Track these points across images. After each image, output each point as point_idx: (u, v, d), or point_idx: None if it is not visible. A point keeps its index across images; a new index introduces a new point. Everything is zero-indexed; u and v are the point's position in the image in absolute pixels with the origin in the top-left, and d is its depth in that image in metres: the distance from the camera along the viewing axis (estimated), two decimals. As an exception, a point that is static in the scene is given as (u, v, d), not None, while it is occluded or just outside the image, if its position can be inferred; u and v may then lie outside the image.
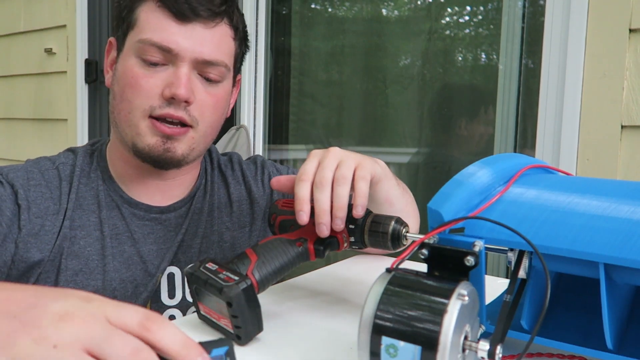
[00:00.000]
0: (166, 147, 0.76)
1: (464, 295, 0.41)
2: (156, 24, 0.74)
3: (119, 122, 0.78)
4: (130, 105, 0.75)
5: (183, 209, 0.86)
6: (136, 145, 0.77)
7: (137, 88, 0.74)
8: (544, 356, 0.54)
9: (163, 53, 0.74)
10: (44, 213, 0.76)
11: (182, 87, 0.73)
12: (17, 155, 2.56)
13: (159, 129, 0.75)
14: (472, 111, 1.73)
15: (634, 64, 1.20)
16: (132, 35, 0.76)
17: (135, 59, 0.75)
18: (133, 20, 0.76)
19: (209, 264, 0.58)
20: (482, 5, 1.68)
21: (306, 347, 0.57)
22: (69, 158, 0.83)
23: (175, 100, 0.74)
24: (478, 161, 0.56)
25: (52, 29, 2.37)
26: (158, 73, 0.74)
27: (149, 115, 0.75)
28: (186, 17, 0.73)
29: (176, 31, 0.74)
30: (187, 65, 0.74)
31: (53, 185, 0.79)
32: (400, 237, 0.63)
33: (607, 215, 0.47)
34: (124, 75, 0.76)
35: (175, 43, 0.73)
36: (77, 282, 0.77)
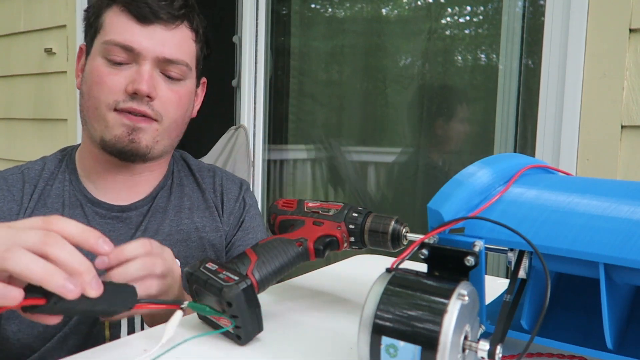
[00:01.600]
0: (131, 138, 0.80)
1: (464, 295, 0.41)
2: (120, 26, 0.80)
3: (88, 119, 0.83)
4: (97, 101, 0.80)
5: (144, 208, 0.88)
6: (104, 139, 0.81)
7: (102, 85, 0.80)
8: (543, 356, 0.54)
9: (126, 52, 0.79)
10: (6, 214, 0.80)
11: (143, 82, 0.78)
12: (17, 155, 2.56)
13: (124, 118, 0.80)
14: (472, 111, 1.73)
15: (634, 64, 1.20)
16: (98, 39, 0.82)
17: (101, 59, 0.80)
18: (99, 24, 0.82)
19: (209, 263, 0.58)
20: (482, 5, 1.69)
21: (306, 347, 0.57)
22: (37, 163, 0.88)
23: (138, 95, 0.79)
24: (478, 161, 0.56)
25: (52, 29, 2.37)
26: (122, 71, 0.80)
27: (114, 109, 0.80)
28: (147, 19, 0.79)
29: (138, 32, 0.79)
30: (149, 63, 0.80)
31: (15, 188, 0.83)
32: (400, 237, 0.63)
33: (607, 215, 0.47)
34: (91, 74, 0.81)
35: (137, 43, 0.79)
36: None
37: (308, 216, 0.68)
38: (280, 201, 0.73)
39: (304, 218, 0.68)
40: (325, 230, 0.65)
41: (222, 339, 0.57)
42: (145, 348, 0.55)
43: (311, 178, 2.09)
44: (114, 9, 0.81)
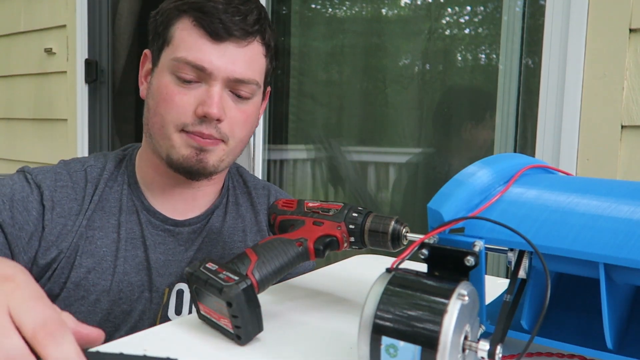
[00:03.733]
0: (199, 159, 0.78)
1: (464, 295, 0.41)
2: (191, 43, 0.76)
3: (153, 134, 0.81)
4: (163, 120, 0.78)
5: (198, 225, 0.86)
6: (170, 157, 0.79)
7: (170, 104, 0.77)
8: (543, 356, 0.54)
9: (197, 71, 0.76)
10: (67, 213, 0.79)
11: (214, 106, 0.75)
12: (17, 155, 2.56)
13: (193, 140, 0.77)
14: (472, 111, 1.73)
15: (634, 64, 1.20)
16: (167, 52, 0.78)
17: (170, 75, 0.77)
18: (169, 37, 0.78)
19: (209, 263, 0.58)
20: (482, 5, 1.69)
21: (306, 347, 0.57)
22: (98, 161, 0.86)
23: (207, 119, 0.76)
24: (478, 161, 0.56)
25: (52, 29, 2.37)
26: (191, 91, 0.77)
27: (181, 130, 0.78)
28: (220, 36, 0.75)
29: (210, 50, 0.75)
30: (219, 83, 0.76)
31: (79, 187, 0.82)
32: (400, 237, 0.63)
33: (607, 215, 0.47)
34: (159, 90, 0.79)
35: (209, 62, 0.75)
36: (89, 279, 0.79)
37: (308, 216, 0.68)
38: (280, 201, 0.73)
39: (304, 218, 0.68)
40: (325, 230, 0.65)
41: (222, 339, 0.57)
42: (145, 348, 0.55)
43: (311, 178, 2.09)
44: (185, 22, 0.77)
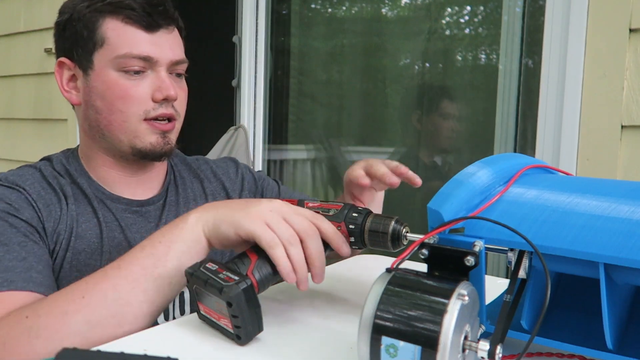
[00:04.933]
0: (165, 141, 0.86)
1: (464, 295, 0.41)
2: (130, 38, 0.82)
3: (110, 132, 0.84)
4: (124, 115, 0.83)
5: (159, 203, 0.92)
6: (136, 147, 0.84)
7: (128, 98, 0.82)
8: (543, 356, 0.54)
9: (143, 62, 0.82)
10: (50, 202, 0.81)
11: (171, 88, 0.83)
12: (17, 155, 2.56)
13: (158, 128, 0.84)
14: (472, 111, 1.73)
15: (634, 64, 1.20)
16: (102, 53, 0.82)
17: (116, 72, 0.82)
18: (99, 39, 0.82)
19: (209, 264, 0.58)
20: (482, 5, 1.69)
21: (306, 347, 0.57)
22: (46, 164, 0.88)
23: (167, 101, 0.84)
24: (478, 161, 0.56)
25: (52, 29, 2.36)
26: (142, 81, 0.83)
27: (144, 119, 0.83)
28: (153, 27, 0.83)
29: (149, 41, 0.83)
30: (164, 68, 0.84)
31: (44, 182, 0.84)
32: (400, 237, 0.63)
33: (607, 215, 0.47)
34: (109, 90, 0.82)
35: (152, 52, 0.82)
36: (80, 260, 0.81)
37: (308, 216, 0.68)
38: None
39: None
40: (325, 230, 0.65)
41: (222, 339, 0.57)
42: (145, 348, 0.55)
43: (311, 178, 2.09)
44: (113, 22, 0.82)
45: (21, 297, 0.67)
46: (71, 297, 0.62)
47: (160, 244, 0.64)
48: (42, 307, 0.62)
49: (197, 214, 0.65)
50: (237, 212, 0.62)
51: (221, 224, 0.62)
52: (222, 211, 0.64)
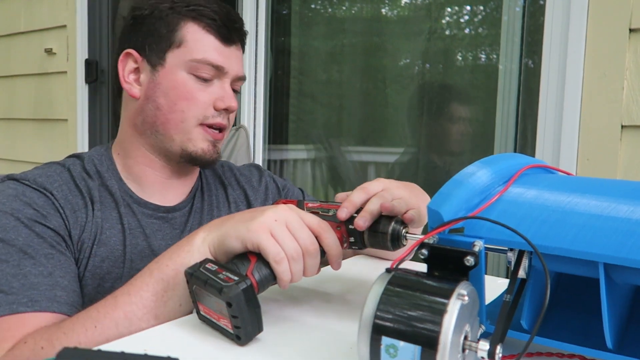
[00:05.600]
0: (215, 150, 0.88)
1: (464, 295, 0.41)
2: (208, 46, 0.85)
3: (165, 130, 0.86)
4: (184, 115, 0.85)
5: (186, 209, 0.92)
6: (187, 150, 0.86)
7: (192, 100, 0.85)
8: (543, 355, 0.54)
9: (215, 70, 0.86)
10: (76, 208, 0.81)
11: (233, 100, 0.87)
12: (17, 156, 2.56)
13: (211, 135, 0.87)
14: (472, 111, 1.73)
15: (634, 64, 1.20)
16: (178, 54, 0.85)
17: (187, 74, 0.85)
18: (177, 39, 0.85)
19: (209, 264, 0.58)
20: (482, 5, 1.69)
21: (306, 347, 0.57)
22: (75, 162, 0.87)
23: (226, 111, 0.88)
24: (478, 161, 0.56)
25: (52, 29, 2.37)
26: (208, 87, 0.86)
27: (199, 123, 0.86)
28: (229, 41, 0.87)
29: (223, 52, 0.86)
30: (229, 80, 0.88)
31: (71, 184, 0.83)
32: (400, 237, 0.63)
33: (607, 215, 0.47)
34: (176, 89, 0.85)
35: (226, 63, 0.86)
36: (103, 267, 0.81)
37: (308, 216, 0.68)
38: (280, 201, 0.73)
39: None
40: (325, 230, 0.65)
41: (222, 339, 0.57)
42: (145, 347, 0.55)
43: (311, 178, 2.09)
44: (193, 27, 0.85)
45: (44, 318, 0.68)
46: (84, 327, 0.63)
47: (168, 268, 0.64)
48: (58, 337, 0.63)
49: (203, 233, 0.65)
50: (243, 225, 0.61)
51: (227, 238, 0.62)
52: (227, 226, 0.63)
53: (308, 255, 0.61)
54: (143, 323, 0.63)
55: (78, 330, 0.63)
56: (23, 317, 0.67)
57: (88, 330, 0.62)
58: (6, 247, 0.72)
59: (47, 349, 0.62)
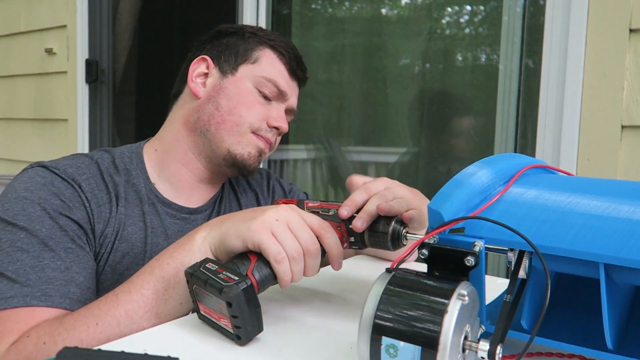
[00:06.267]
0: (259, 159, 0.93)
1: (464, 296, 0.41)
2: (278, 71, 0.93)
3: (218, 130, 0.90)
4: (241, 120, 0.90)
5: (207, 212, 0.95)
6: (233, 152, 0.90)
7: (252, 109, 0.90)
8: (543, 356, 0.54)
9: (277, 93, 0.92)
10: (102, 202, 0.82)
11: (285, 122, 0.94)
12: (17, 155, 2.56)
13: (261, 142, 0.91)
14: (472, 111, 1.73)
15: (634, 64, 1.20)
16: (250, 68, 0.92)
17: (253, 87, 0.91)
18: (253, 57, 0.93)
19: (209, 264, 0.58)
20: (482, 5, 1.69)
21: (306, 347, 0.57)
22: (104, 155, 0.89)
23: (277, 130, 0.93)
24: (478, 161, 0.56)
25: (52, 29, 2.37)
26: (267, 105, 0.92)
27: (252, 131, 0.90)
28: (293, 74, 0.96)
29: (288, 82, 0.95)
30: (284, 107, 0.94)
31: (98, 177, 0.84)
32: (400, 237, 0.63)
33: (607, 215, 0.47)
34: (240, 95, 0.91)
35: (287, 90, 0.94)
36: (123, 263, 0.82)
37: (308, 216, 0.68)
38: (281, 201, 0.73)
39: None
40: (325, 230, 0.65)
41: (222, 339, 0.58)
42: (146, 347, 0.55)
43: (311, 178, 2.09)
44: (270, 53, 0.93)
45: (54, 314, 0.69)
46: (86, 324, 0.63)
47: (168, 266, 0.64)
48: (60, 334, 0.63)
49: (204, 232, 0.65)
50: (243, 223, 0.62)
51: (227, 237, 0.62)
52: (227, 225, 0.64)
53: (309, 255, 0.61)
54: (144, 321, 0.63)
55: (80, 327, 0.63)
56: (34, 310, 0.68)
57: (90, 328, 0.63)
58: (29, 237, 0.73)
59: (49, 345, 0.63)
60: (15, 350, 0.64)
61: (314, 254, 0.62)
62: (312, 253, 0.61)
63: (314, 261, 0.62)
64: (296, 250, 0.60)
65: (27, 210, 0.75)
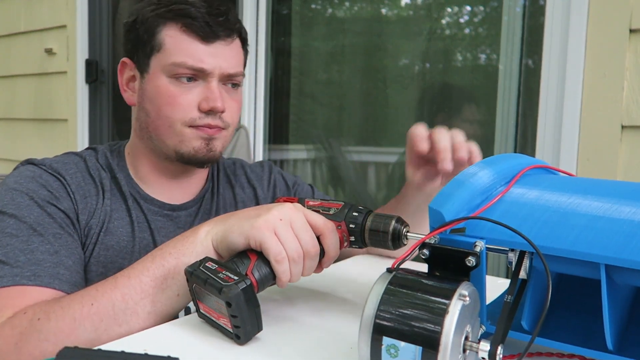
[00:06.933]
0: (209, 148, 0.86)
1: (465, 296, 0.41)
2: (186, 48, 0.82)
3: (156, 135, 0.86)
4: (171, 120, 0.84)
5: (193, 209, 0.93)
6: (180, 151, 0.85)
7: (175, 105, 0.83)
8: (543, 355, 0.54)
9: (196, 72, 0.83)
10: (88, 194, 0.83)
11: (218, 100, 0.83)
12: (17, 156, 2.56)
13: (204, 132, 0.84)
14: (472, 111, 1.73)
15: (634, 64, 1.20)
16: (159, 58, 0.84)
17: (168, 78, 0.83)
18: (157, 44, 0.84)
19: (209, 263, 0.58)
20: (482, 5, 1.69)
21: (306, 347, 0.57)
22: (91, 154, 0.90)
23: (213, 112, 0.84)
24: (479, 161, 0.56)
25: (52, 29, 2.37)
26: (192, 89, 0.84)
27: (189, 126, 0.84)
28: (210, 38, 0.83)
29: (204, 52, 0.83)
30: (215, 79, 0.84)
31: (86, 173, 0.86)
32: (400, 236, 0.63)
33: (609, 216, 0.47)
34: (159, 95, 0.84)
35: (207, 63, 0.83)
36: (108, 256, 0.82)
37: (308, 215, 0.68)
38: (281, 199, 0.73)
39: None
40: (325, 230, 0.65)
41: (222, 339, 0.57)
42: (146, 347, 0.55)
43: (311, 178, 2.09)
44: (173, 28, 0.83)
45: (45, 293, 0.69)
46: (81, 304, 0.63)
47: (170, 256, 0.64)
48: (54, 311, 0.63)
49: (207, 227, 0.65)
50: (247, 221, 0.62)
51: (230, 234, 0.62)
52: (232, 221, 0.64)
53: (308, 257, 0.61)
54: (139, 307, 0.63)
55: (75, 306, 0.63)
56: (24, 289, 0.68)
57: (84, 307, 0.63)
58: (18, 223, 0.74)
59: (43, 321, 0.63)
60: (10, 325, 0.64)
61: (313, 256, 0.62)
62: (311, 255, 0.61)
63: (312, 263, 0.62)
64: (297, 252, 0.60)
65: (16, 199, 0.76)
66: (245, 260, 0.60)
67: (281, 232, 0.60)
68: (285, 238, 0.60)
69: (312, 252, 0.61)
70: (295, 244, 0.60)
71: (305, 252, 0.61)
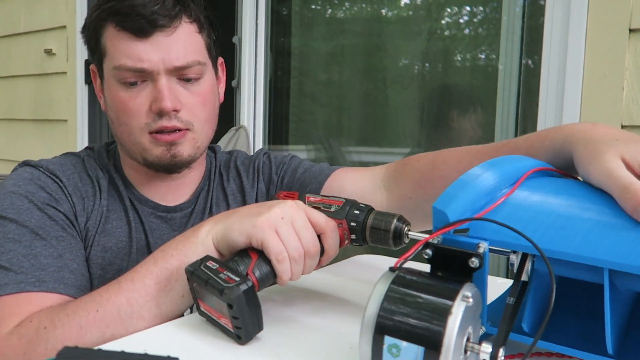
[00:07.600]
0: (172, 154, 0.81)
1: (469, 297, 0.41)
2: (123, 49, 0.76)
3: (124, 143, 0.84)
4: (128, 127, 0.80)
5: (187, 210, 0.91)
6: (146, 159, 0.82)
7: (127, 111, 0.79)
8: (543, 356, 0.54)
9: (138, 73, 0.77)
10: (85, 195, 0.82)
11: (165, 100, 0.76)
12: (17, 156, 2.55)
13: (160, 140, 0.80)
14: (472, 111, 1.73)
15: (634, 64, 1.20)
16: (106, 63, 0.80)
17: (117, 84, 0.79)
18: (102, 49, 0.80)
19: (210, 262, 0.58)
20: (482, 5, 1.69)
21: (306, 347, 0.57)
22: (90, 154, 0.89)
23: (164, 113, 0.78)
24: (484, 162, 0.56)
25: (52, 30, 2.37)
26: (140, 92, 0.78)
27: (147, 132, 0.79)
28: (146, 32, 0.75)
29: (142, 49, 0.76)
30: (163, 76, 0.77)
31: (83, 173, 0.85)
32: (402, 235, 0.62)
33: (613, 221, 0.46)
34: (113, 102, 0.81)
35: (146, 61, 0.76)
36: (105, 258, 0.81)
37: (309, 212, 0.68)
38: (282, 193, 0.72)
39: None
40: (326, 228, 0.65)
41: (222, 339, 0.57)
42: (145, 347, 0.55)
43: (311, 178, 2.09)
44: (110, 29, 0.77)
45: (51, 298, 0.68)
46: (86, 310, 0.63)
47: (172, 258, 0.64)
48: (60, 319, 0.63)
49: (208, 226, 0.65)
50: (249, 219, 0.61)
51: (231, 232, 0.62)
52: (232, 219, 0.63)
53: (309, 256, 0.61)
54: (145, 311, 0.62)
55: (80, 313, 0.63)
56: (30, 296, 0.68)
57: (90, 314, 0.62)
58: (19, 228, 0.73)
59: (49, 329, 0.62)
60: (17, 335, 0.64)
61: (313, 256, 0.61)
62: (312, 255, 0.61)
63: (312, 262, 0.62)
64: (297, 251, 0.60)
65: (15, 203, 0.76)
66: (246, 259, 0.60)
67: (282, 230, 0.60)
68: (286, 237, 0.60)
69: (312, 251, 0.61)
70: (296, 243, 0.60)
71: (306, 251, 0.60)
